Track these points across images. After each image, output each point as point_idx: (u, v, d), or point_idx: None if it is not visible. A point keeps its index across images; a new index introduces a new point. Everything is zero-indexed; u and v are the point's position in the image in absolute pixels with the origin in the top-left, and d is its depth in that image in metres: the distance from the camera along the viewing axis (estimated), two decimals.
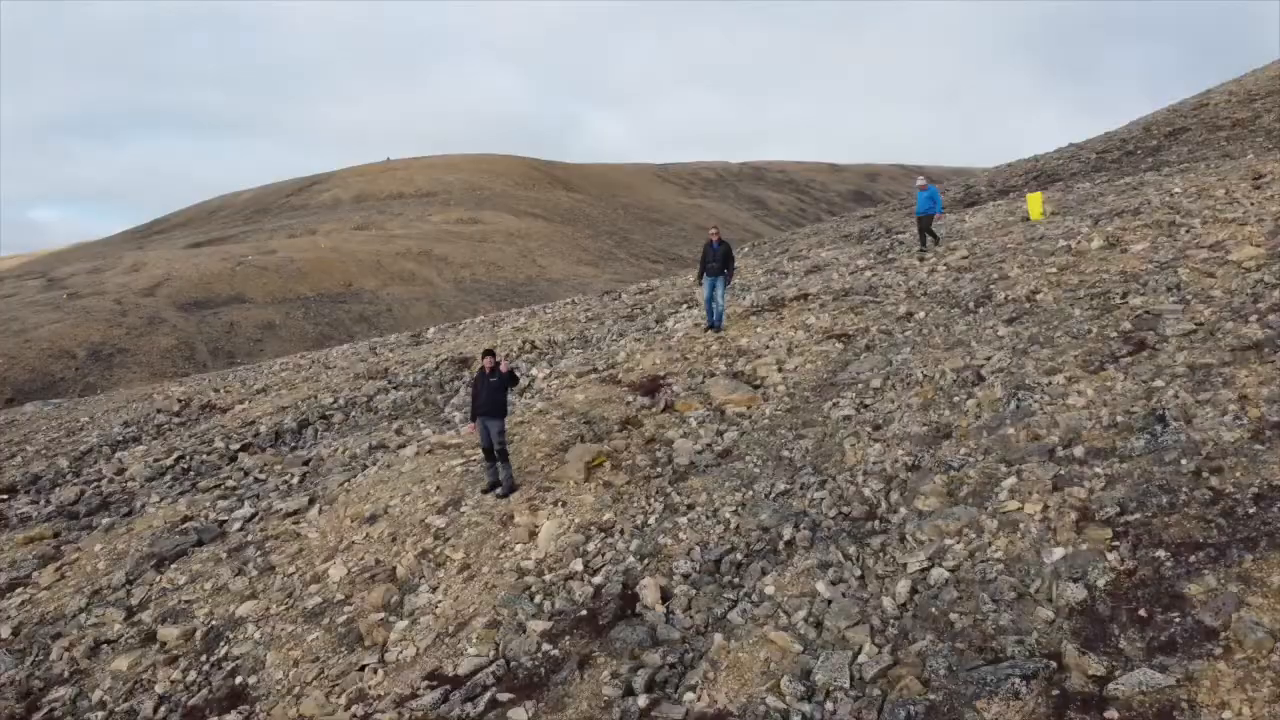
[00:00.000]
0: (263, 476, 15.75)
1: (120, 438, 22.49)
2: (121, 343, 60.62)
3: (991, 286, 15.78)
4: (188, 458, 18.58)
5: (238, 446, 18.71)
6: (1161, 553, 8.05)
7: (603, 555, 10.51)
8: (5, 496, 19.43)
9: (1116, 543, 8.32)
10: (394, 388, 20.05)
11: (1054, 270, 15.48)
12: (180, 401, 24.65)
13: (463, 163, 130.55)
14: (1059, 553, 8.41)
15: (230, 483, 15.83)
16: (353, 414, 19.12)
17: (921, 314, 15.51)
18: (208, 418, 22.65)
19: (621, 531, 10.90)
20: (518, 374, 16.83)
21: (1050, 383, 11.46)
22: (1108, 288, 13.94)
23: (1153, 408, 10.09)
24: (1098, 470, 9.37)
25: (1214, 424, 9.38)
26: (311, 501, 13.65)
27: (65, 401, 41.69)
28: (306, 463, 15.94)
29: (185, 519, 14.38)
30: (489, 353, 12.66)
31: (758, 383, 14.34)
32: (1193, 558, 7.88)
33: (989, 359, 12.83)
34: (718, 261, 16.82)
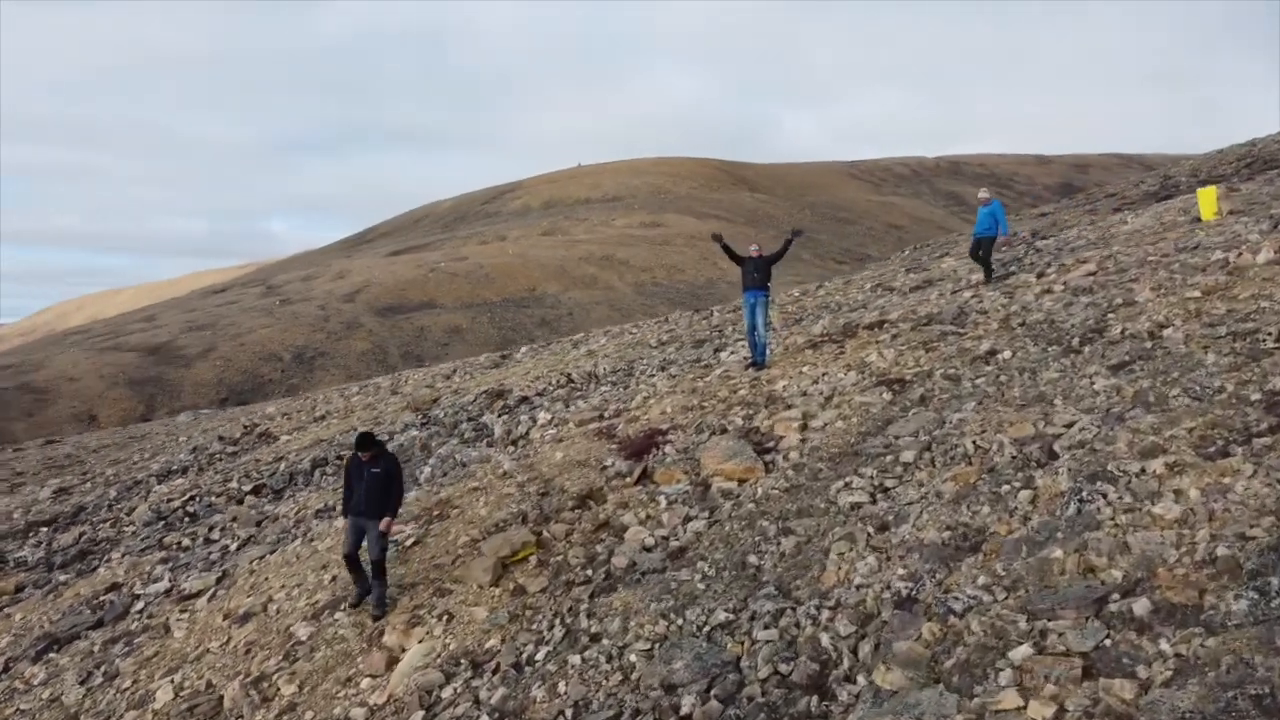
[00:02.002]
0: (215, 537, 13.80)
1: (175, 467, 21.49)
2: (322, 346, 63.73)
3: (1109, 315, 11.73)
4: (199, 499, 17.06)
5: (249, 488, 17.03)
6: None
7: (454, 708, 7.61)
8: (44, 529, 18.62)
9: None
10: (420, 425, 17.81)
11: (1196, 295, 11.26)
12: (245, 428, 23.54)
13: (647, 166, 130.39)
14: None
15: (186, 541, 13.98)
16: None
17: (1007, 353, 11.67)
18: (256, 448, 21.29)
19: (495, 669, 7.97)
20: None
21: (1141, 472, 7.65)
22: (1261, 323, 9.72)
23: None
24: (1164, 647, 5.66)
25: None
26: (220, 580, 11.47)
27: (207, 411, 42.64)
28: (259, 523, 13.85)
29: (111, 588, 12.59)
30: (366, 440, 9.51)
31: (770, 444, 11.02)
32: None
33: (1069, 426, 9.05)
34: (760, 272, 13.88)
